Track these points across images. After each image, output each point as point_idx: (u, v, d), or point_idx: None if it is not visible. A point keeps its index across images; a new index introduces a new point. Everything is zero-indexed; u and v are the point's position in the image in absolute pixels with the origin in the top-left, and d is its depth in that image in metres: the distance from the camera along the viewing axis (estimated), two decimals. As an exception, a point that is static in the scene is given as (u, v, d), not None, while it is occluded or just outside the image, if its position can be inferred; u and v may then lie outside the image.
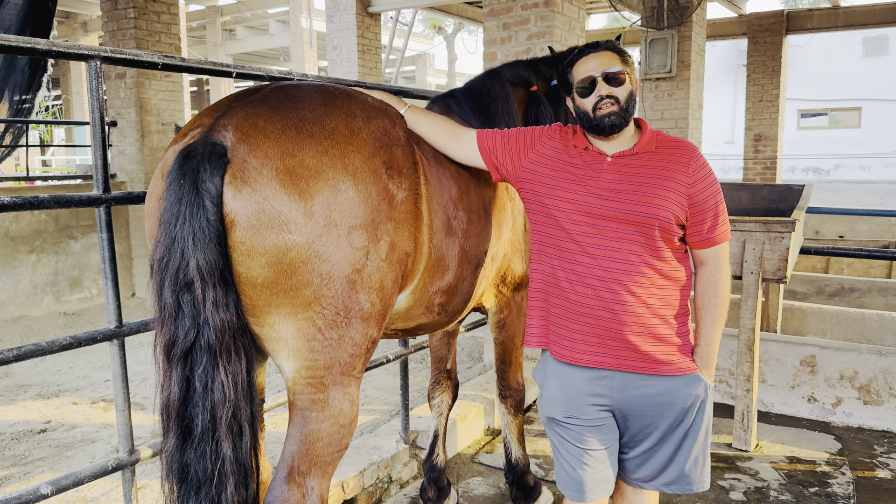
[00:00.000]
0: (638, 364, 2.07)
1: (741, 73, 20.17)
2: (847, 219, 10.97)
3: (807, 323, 5.73)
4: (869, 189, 19.42)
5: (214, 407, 1.71)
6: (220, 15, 18.68)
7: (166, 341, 1.70)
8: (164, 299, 1.69)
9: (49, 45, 2.09)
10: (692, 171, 2.05)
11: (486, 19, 5.27)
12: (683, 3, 8.72)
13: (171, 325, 1.70)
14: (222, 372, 1.71)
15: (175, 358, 1.70)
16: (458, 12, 12.03)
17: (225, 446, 1.72)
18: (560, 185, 2.12)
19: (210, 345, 1.69)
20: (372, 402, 4.65)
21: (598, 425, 2.14)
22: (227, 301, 1.70)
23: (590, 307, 2.08)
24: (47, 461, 3.81)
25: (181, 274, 1.67)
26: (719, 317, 2.12)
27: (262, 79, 2.73)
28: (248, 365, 1.77)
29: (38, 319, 7.12)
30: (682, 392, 2.09)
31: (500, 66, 2.93)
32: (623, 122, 2.08)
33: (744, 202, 5.70)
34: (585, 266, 2.07)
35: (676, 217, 2.03)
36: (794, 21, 12.76)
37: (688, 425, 2.11)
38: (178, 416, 1.71)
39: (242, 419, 1.75)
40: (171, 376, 1.71)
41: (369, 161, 1.86)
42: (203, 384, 1.70)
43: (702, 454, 2.15)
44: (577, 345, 2.12)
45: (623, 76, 2.08)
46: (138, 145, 7.89)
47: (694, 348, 2.14)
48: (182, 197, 1.67)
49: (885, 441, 4.10)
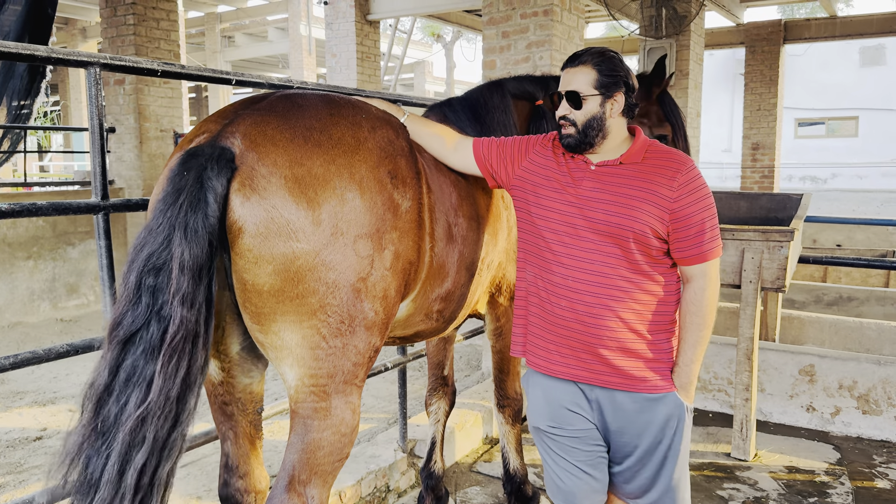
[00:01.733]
0: (612, 379, 2.03)
1: (739, 81, 20.23)
2: (845, 228, 10.98)
3: (805, 332, 5.72)
4: (866, 198, 19.48)
5: (128, 403, 1.58)
6: (220, 22, 18.72)
7: (113, 322, 1.61)
8: (128, 281, 1.62)
9: (48, 51, 2.09)
10: (677, 185, 1.97)
11: (486, 28, 5.28)
12: (682, 13, 8.76)
13: (123, 307, 1.62)
14: (156, 370, 1.59)
15: (115, 341, 1.60)
16: (457, 20, 12.06)
17: (114, 455, 1.56)
18: (544, 194, 2.11)
19: (153, 338, 1.59)
20: (370, 411, 4.64)
21: (581, 436, 2.11)
22: (192, 300, 1.63)
23: (564, 318, 2.05)
24: (42, 469, 3.78)
25: (153, 258, 1.61)
26: (702, 338, 2.02)
27: (262, 86, 2.73)
28: (187, 377, 1.63)
29: (34, 326, 7.09)
30: (659, 411, 2.03)
31: (505, 78, 2.93)
32: (581, 143, 2.03)
33: (742, 211, 5.71)
34: (560, 276, 2.04)
35: (654, 230, 1.96)
36: (792, 30, 12.81)
37: (666, 447, 2.06)
38: (97, 404, 1.59)
39: (147, 433, 1.58)
40: (104, 359, 1.61)
41: (375, 171, 1.87)
42: (128, 375, 1.59)
43: (682, 477, 2.11)
44: (552, 356, 2.10)
45: (582, 98, 2.01)
46: (137, 151, 7.88)
47: (673, 367, 2.06)
48: (182, 188, 1.65)
49: (884, 451, 4.09)
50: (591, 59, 2.03)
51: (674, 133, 2.94)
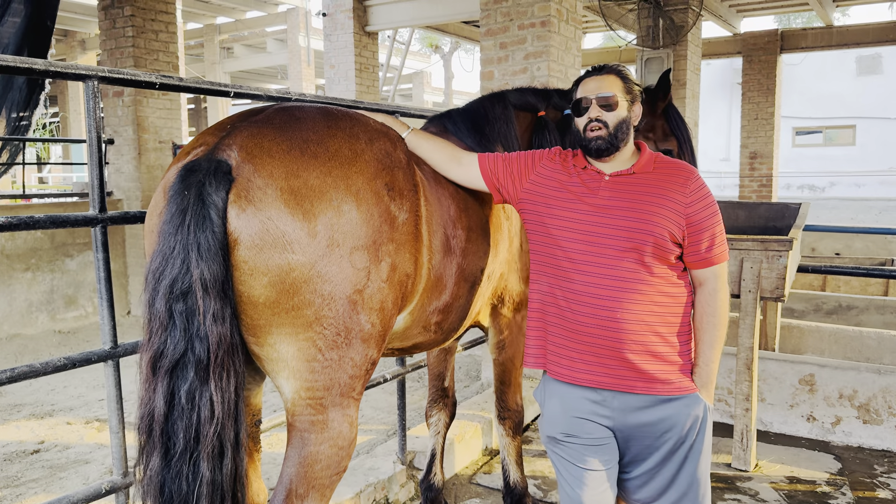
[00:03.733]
0: (637, 383, 2.06)
1: (736, 91, 20.31)
2: (843, 236, 10.98)
3: (805, 341, 5.72)
4: (864, 206, 19.52)
5: (199, 424, 1.65)
6: (218, 33, 18.79)
7: (154, 353, 1.66)
8: (155, 309, 1.65)
9: (47, 65, 2.09)
10: (690, 191, 2.06)
11: (483, 39, 5.30)
12: (679, 23, 8.80)
13: (160, 336, 1.65)
14: (212, 388, 1.66)
15: (162, 370, 1.65)
16: (455, 31, 12.11)
17: (203, 467, 1.67)
18: (559, 205, 2.14)
19: (201, 359, 1.65)
20: (369, 422, 4.62)
21: (599, 444, 2.12)
22: (223, 315, 1.67)
23: (587, 325, 2.07)
24: (40, 482, 3.76)
25: (178, 284, 1.64)
26: (718, 337, 2.11)
27: (260, 98, 2.73)
28: (237, 384, 1.72)
29: (32, 338, 7.07)
30: (683, 412, 2.08)
31: (508, 90, 2.94)
32: (610, 146, 2.10)
33: (741, 220, 5.71)
34: (581, 284, 2.08)
35: (672, 235, 2.03)
36: (789, 40, 12.87)
37: (688, 447, 2.10)
38: (161, 433, 1.66)
39: (226, 440, 1.70)
40: (155, 390, 1.65)
41: (372, 183, 1.87)
42: (189, 399, 1.65)
43: (703, 476, 2.13)
44: (575, 364, 2.11)
45: (615, 101, 2.10)
46: (135, 163, 7.89)
47: (693, 368, 2.13)
48: (186, 208, 1.65)
49: (885, 461, 4.07)
50: (614, 70, 2.17)
51: (680, 147, 2.94)
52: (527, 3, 5.03)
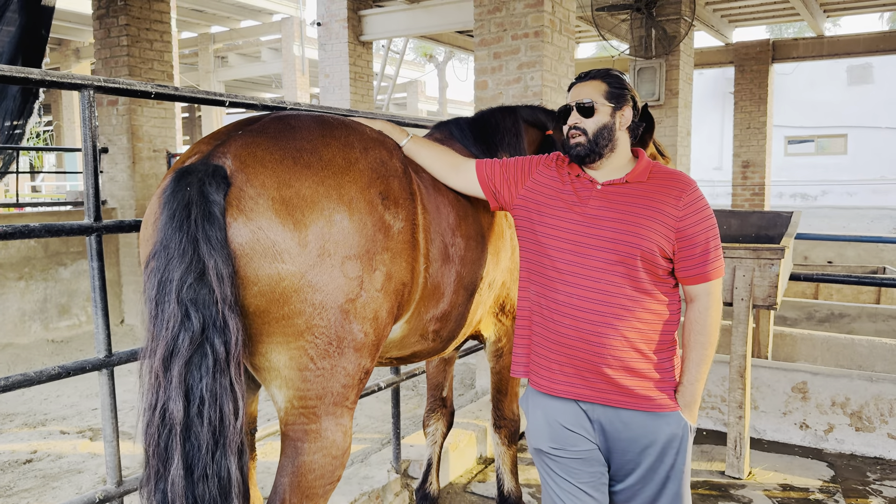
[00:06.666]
0: (616, 398, 2.03)
1: (728, 100, 20.40)
2: (835, 244, 11.04)
3: (797, 349, 5.74)
4: (856, 215, 19.60)
5: (222, 419, 1.59)
6: (213, 42, 18.79)
7: (165, 352, 1.58)
8: (164, 306, 1.59)
9: (44, 74, 2.10)
10: (683, 204, 2.01)
11: (477, 49, 5.33)
12: (671, 33, 8.85)
13: (172, 332, 1.58)
14: (233, 378, 1.62)
15: (176, 369, 1.57)
16: (450, 41, 12.16)
17: (232, 463, 1.61)
18: (550, 213, 2.12)
19: (220, 351, 1.60)
20: (363, 431, 4.61)
21: (584, 457, 2.10)
22: (236, 309, 1.65)
23: (569, 337, 2.04)
24: (33, 492, 3.75)
25: (189, 277, 1.59)
26: (705, 357, 2.05)
27: (255, 107, 2.74)
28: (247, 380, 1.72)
29: (25, 347, 7.04)
30: (662, 430, 2.04)
31: (520, 105, 2.98)
32: (591, 153, 2.06)
33: (733, 229, 5.74)
34: (565, 295, 2.05)
35: (661, 249, 1.99)
36: (780, 50, 12.96)
37: (669, 466, 2.06)
38: (181, 435, 1.57)
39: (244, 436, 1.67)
40: (168, 390, 1.57)
41: (365, 192, 1.87)
42: (212, 394, 1.59)
43: (686, 497, 2.11)
44: (555, 375, 2.09)
45: (594, 107, 2.06)
46: (129, 172, 7.88)
47: (677, 386, 2.08)
48: (190, 203, 1.63)
49: (878, 468, 4.09)
50: (599, 74, 2.12)
51: None
52: (520, 13, 5.06)
